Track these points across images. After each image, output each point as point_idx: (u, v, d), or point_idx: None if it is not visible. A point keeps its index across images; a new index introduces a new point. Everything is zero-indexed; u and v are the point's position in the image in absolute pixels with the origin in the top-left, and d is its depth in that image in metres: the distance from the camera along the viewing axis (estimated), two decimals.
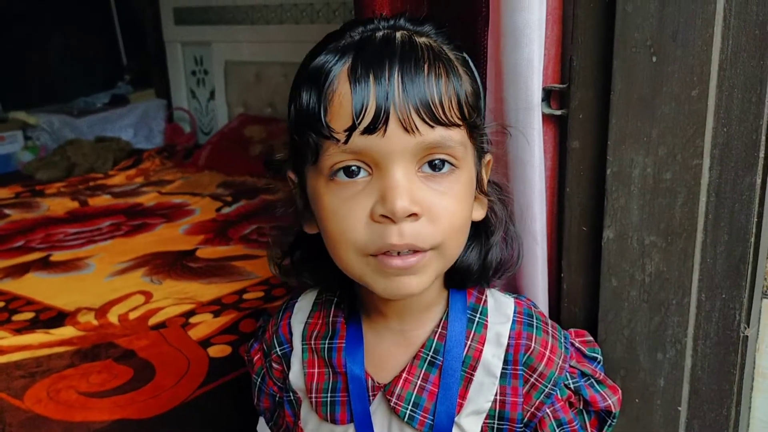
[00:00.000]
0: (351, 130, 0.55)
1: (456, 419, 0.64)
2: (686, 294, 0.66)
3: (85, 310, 1.75)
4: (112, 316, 1.71)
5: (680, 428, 0.69)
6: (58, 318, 1.72)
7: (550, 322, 0.68)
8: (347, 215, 0.57)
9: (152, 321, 1.67)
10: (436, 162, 0.57)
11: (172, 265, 2.04)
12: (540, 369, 0.64)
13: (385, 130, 0.55)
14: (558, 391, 0.64)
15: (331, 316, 0.69)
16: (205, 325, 1.64)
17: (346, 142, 0.55)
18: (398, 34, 0.58)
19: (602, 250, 0.69)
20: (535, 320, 0.66)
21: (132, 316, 1.71)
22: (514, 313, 0.67)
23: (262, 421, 0.79)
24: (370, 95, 0.54)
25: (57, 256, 2.17)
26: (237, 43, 3.35)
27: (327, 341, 0.68)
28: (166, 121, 3.68)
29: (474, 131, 0.60)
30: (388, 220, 0.56)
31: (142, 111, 3.64)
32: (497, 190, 0.69)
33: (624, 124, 0.65)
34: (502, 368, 0.64)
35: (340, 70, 0.56)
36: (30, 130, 3.34)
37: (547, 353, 0.64)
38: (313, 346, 0.69)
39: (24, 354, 1.54)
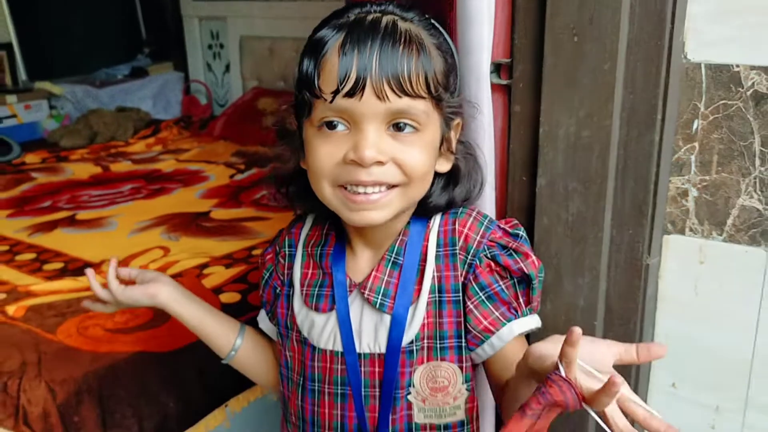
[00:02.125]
0: (335, 93, 0.71)
1: (415, 302, 0.81)
2: (600, 230, 0.81)
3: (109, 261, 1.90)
4: (134, 267, 1.86)
5: None
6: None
7: (476, 209, 0.84)
8: (327, 155, 0.74)
9: (170, 272, 1.81)
10: (401, 124, 0.74)
11: (189, 224, 2.19)
12: (460, 244, 0.80)
13: (362, 96, 0.71)
14: (477, 261, 0.80)
15: (325, 229, 0.88)
16: (217, 275, 1.79)
17: (331, 101, 0.72)
18: (385, 18, 0.74)
19: (536, 195, 0.85)
20: (461, 209, 0.83)
21: (152, 267, 1.85)
22: (444, 213, 0.83)
23: (262, 312, 0.97)
24: (353, 66, 0.70)
25: (82, 215, 2.32)
26: (252, 18, 3.46)
27: (320, 248, 0.87)
28: (183, 92, 3.82)
29: (439, 103, 0.76)
30: (357, 164, 0.73)
31: (160, 83, 3.77)
32: (465, 147, 0.84)
33: (553, 92, 0.81)
34: (436, 251, 0.81)
35: (333, 44, 0.72)
36: (54, 100, 3.49)
37: (465, 230, 0.81)
38: (309, 251, 0.88)
39: (55, 297, 1.69)
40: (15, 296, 1.69)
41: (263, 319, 0.97)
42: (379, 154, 0.72)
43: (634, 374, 0.85)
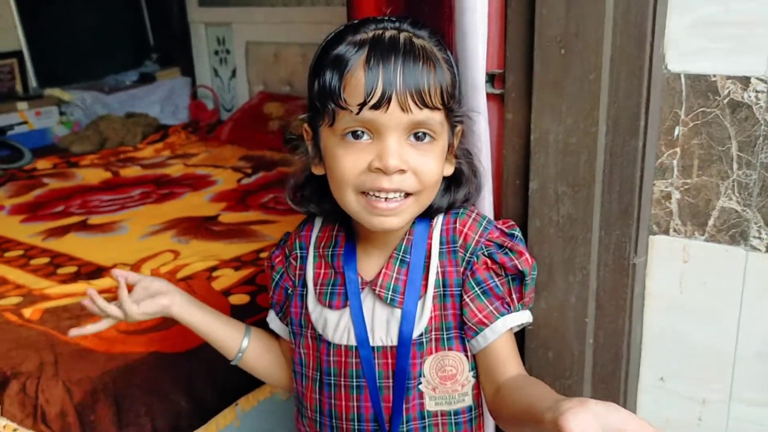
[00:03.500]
0: (362, 105, 0.76)
1: (423, 296, 0.86)
2: (589, 231, 0.86)
3: (121, 265, 1.94)
4: (146, 270, 1.90)
5: (588, 336, 0.89)
6: (97, 271, 1.91)
7: (476, 210, 0.90)
8: (351, 164, 0.80)
9: (180, 274, 1.86)
10: (420, 134, 0.80)
11: (198, 228, 2.23)
12: (460, 242, 0.86)
13: (387, 108, 0.76)
14: (475, 258, 0.85)
15: (335, 231, 0.93)
16: (226, 277, 1.83)
17: (358, 113, 0.77)
18: (402, 36, 0.79)
19: (529, 198, 0.89)
20: (462, 210, 0.89)
21: (163, 270, 1.90)
22: (446, 213, 0.89)
23: (271, 313, 1.02)
24: (379, 81, 0.76)
25: (94, 219, 2.36)
26: (257, 24, 3.50)
27: (330, 249, 0.92)
28: (190, 98, 3.86)
29: (450, 113, 0.82)
30: (381, 172, 0.78)
31: (168, 88, 3.81)
32: (465, 153, 0.90)
33: (542, 100, 0.85)
34: (440, 248, 0.87)
35: (357, 60, 0.78)
36: (64, 106, 3.54)
37: (465, 230, 0.86)
38: (321, 252, 0.93)
39: (69, 300, 1.73)
40: (31, 299, 1.74)
41: (273, 320, 1.02)
42: (402, 162, 0.78)
43: (624, 369, 0.89)
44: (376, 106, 0.76)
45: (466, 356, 0.87)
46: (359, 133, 0.79)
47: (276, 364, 1.05)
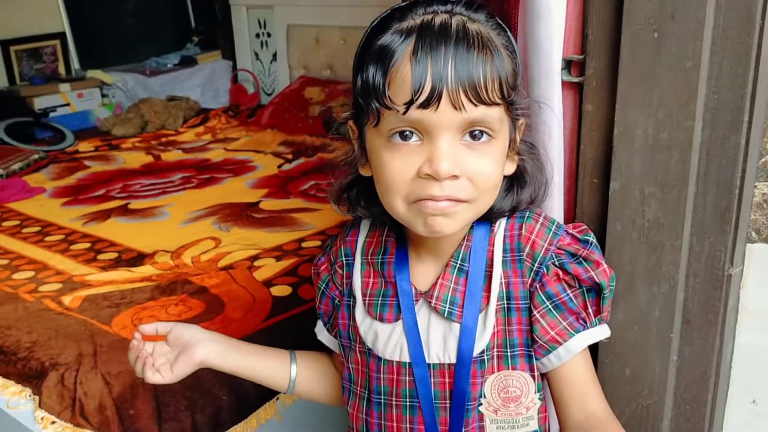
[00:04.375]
0: (409, 104, 0.68)
1: (485, 309, 0.78)
2: (678, 237, 0.77)
3: (162, 251, 1.93)
4: (186, 258, 1.88)
5: (672, 353, 0.81)
6: (138, 258, 1.90)
7: (543, 214, 0.80)
8: (399, 170, 0.71)
9: (221, 263, 1.83)
10: (476, 133, 0.70)
11: (239, 215, 2.20)
12: (527, 250, 0.77)
13: (438, 106, 0.67)
14: (544, 269, 0.76)
15: (384, 236, 0.85)
16: (268, 267, 1.79)
17: (404, 113, 0.68)
18: (454, 21, 0.69)
19: (609, 199, 0.81)
20: (528, 213, 0.79)
21: (203, 258, 1.87)
22: (510, 216, 0.80)
23: (319, 323, 0.95)
24: (428, 76, 0.67)
25: (135, 204, 2.35)
26: (298, 6, 3.45)
27: (380, 257, 0.84)
28: (231, 81, 3.84)
29: (511, 106, 0.73)
30: (432, 178, 0.69)
31: (209, 72, 3.80)
32: (530, 148, 0.81)
33: (629, 91, 0.76)
34: (503, 256, 0.78)
35: (403, 52, 0.68)
36: (106, 88, 3.55)
37: (533, 237, 0.77)
38: (369, 260, 0.85)
39: (110, 288, 1.72)
40: (71, 286, 1.72)
41: (321, 331, 0.95)
42: (455, 167, 0.69)
43: (711, 390, 0.81)
44: (424, 105, 0.67)
45: (532, 376, 0.79)
46: (407, 133, 0.70)
47: (331, 383, 0.97)
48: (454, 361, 0.78)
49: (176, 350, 0.89)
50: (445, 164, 0.68)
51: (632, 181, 0.78)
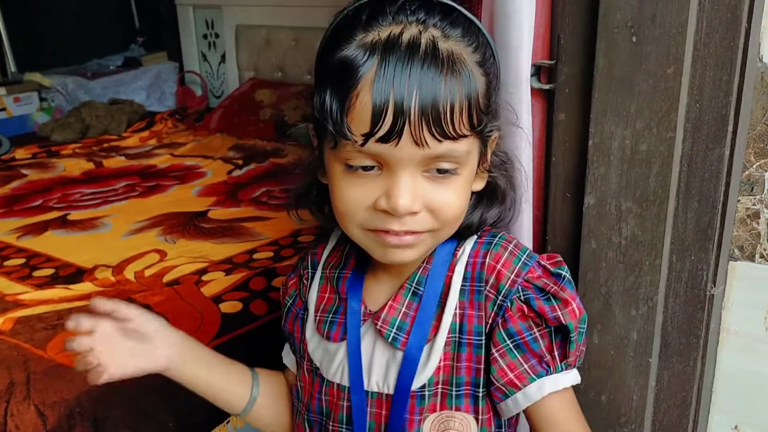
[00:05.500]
0: (368, 136, 0.61)
1: (432, 340, 0.71)
2: (658, 256, 0.72)
3: (102, 267, 1.81)
4: (129, 273, 1.77)
5: (651, 378, 0.76)
6: (77, 274, 1.78)
7: (514, 242, 0.73)
8: (354, 199, 0.65)
9: (167, 278, 1.73)
10: (440, 168, 0.64)
11: (186, 225, 2.10)
12: (491, 281, 0.70)
13: (398, 142, 0.61)
14: (509, 303, 0.69)
15: (347, 250, 0.79)
16: (216, 282, 1.70)
17: (362, 144, 0.62)
18: (424, 38, 0.61)
19: (583, 215, 0.75)
20: (496, 239, 0.73)
21: (147, 273, 1.77)
22: (479, 236, 0.73)
23: (287, 347, 0.88)
24: (389, 108, 0.60)
25: (74, 215, 2.23)
26: (248, 6, 3.36)
27: (337, 271, 0.79)
28: (177, 83, 3.72)
29: (481, 134, 0.66)
30: (389, 213, 0.64)
31: (154, 74, 3.67)
32: (502, 162, 0.75)
33: (605, 99, 0.71)
34: (462, 285, 0.71)
35: (364, 76, 0.61)
36: (45, 92, 3.38)
37: (498, 266, 0.70)
38: (327, 274, 0.80)
39: (45, 308, 1.60)
40: (3, 306, 1.59)
41: (287, 353, 0.88)
42: (414, 203, 0.63)
43: (692, 416, 0.76)
44: (384, 140, 0.61)
45: (476, 419, 0.72)
46: (366, 165, 0.64)
47: (290, 412, 0.89)
48: (392, 392, 0.72)
49: (131, 337, 0.76)
50: (404, 200, 0.63)
51: (608, 195, 0.73)
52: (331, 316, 0.78)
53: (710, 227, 0.70)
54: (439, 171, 0.64)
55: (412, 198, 0.63)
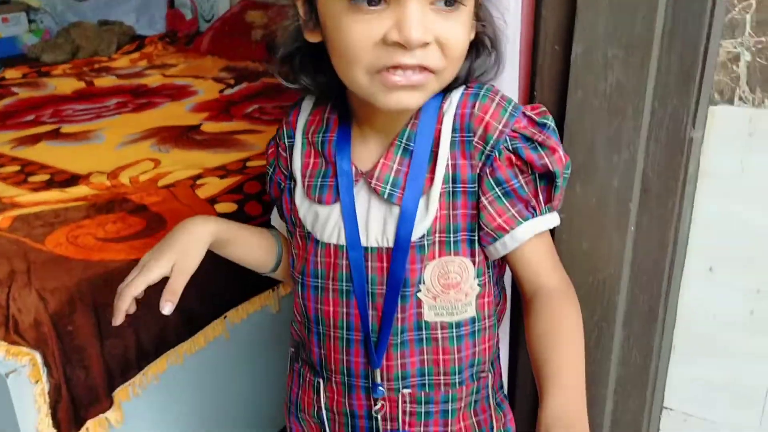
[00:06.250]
0: None
1: (427, 193, 0.74)
2: (641, 100, 0.74)
3: (97, 173, 1.83)
4: (124, 178, 1.79)
5: (630, 223, 0.79)
6: (72, 180, 1.80)
7: (500, 93, 0.75)
8: (362, 36, 0.65)
9: (162, 182, 1.75)
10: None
11: (179, 137, 2.11)
12: (479, 132, 0.72)
13: None
14: (497, 152, 0.72)
15: (327, 113, 0.79)
16: (211, 185, 1.72)
17: None
18: None
19: (571, 65, 0.77)
20: (483, 91, 0.74)
21: (142, 178, 1.79)
22: (466, 88, 0.75)
23: (275, 211, 0.91)
24: None
25: (67, 128, 2.23)
26: None
27: (321, 135, 0.79)
28: (167, 6, 3.66)
29: None
30: (400, 46, 0.64)
31: None
32: (489, 15, 0.76)
33: None
34: (452, 136, 0.73)
35: None
36: (33, 13, 3.34)
37: (486, 117, 0.72)
38: (310, 139, 0.80)
39: (42, 207, 1.62)
40: (0, 207, 1.62)
41: (275, 217, 0.91)
42: (426, 33, 0.64)
43: (669, 258, 0.79)
44: None
45: (473, 261, 0.76)
46: None
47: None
48: (392, 245, 0.75)
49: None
50: (416, 31, 0.63)
51: (596, 44, 0.75)
52: (320, 180, 0.79)
53: (692, 71, 0.72)
54: (447, 3, 0.65)
55: (424, 29, 0.64)
